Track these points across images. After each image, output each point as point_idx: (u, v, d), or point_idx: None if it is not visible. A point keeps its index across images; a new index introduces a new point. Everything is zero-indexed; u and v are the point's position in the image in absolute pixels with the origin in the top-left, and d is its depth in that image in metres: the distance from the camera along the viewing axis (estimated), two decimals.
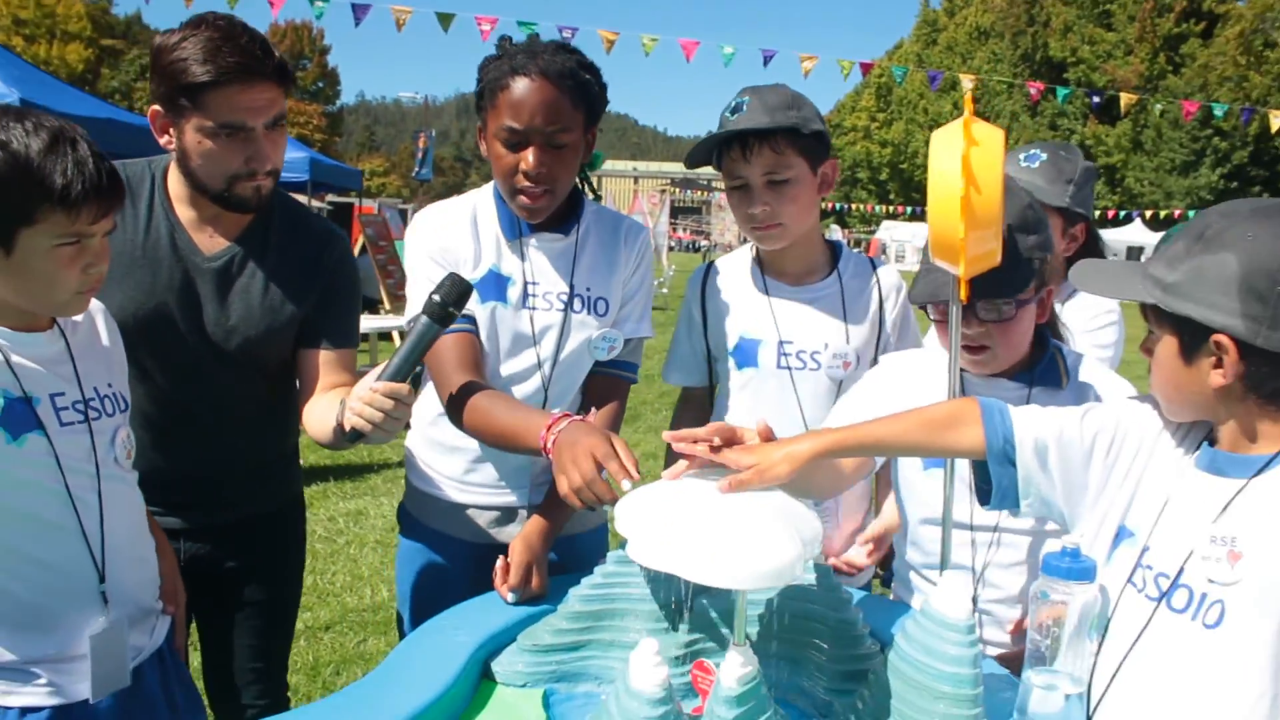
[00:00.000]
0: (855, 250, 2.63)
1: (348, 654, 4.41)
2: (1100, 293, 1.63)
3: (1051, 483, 1.66)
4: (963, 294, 1.72)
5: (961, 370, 1.99)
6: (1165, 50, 54.67)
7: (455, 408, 2.11)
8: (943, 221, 1.63)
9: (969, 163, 1.58)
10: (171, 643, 2.03)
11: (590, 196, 2.40)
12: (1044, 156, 2.54)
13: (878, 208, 44.53)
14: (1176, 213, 28.06)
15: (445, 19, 13.55)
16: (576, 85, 2.08)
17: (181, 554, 2.20)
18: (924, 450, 1.80)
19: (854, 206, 50.68)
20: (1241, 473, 1.46)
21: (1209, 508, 1.47)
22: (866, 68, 14.22)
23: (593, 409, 2.19)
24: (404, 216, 30.17)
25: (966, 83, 14.23)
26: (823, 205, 2.57)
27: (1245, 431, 1.47)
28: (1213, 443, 1.53)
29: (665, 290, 20.75)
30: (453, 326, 2.00)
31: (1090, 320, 2.64)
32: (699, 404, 2.65)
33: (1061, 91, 15.30)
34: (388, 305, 13.69)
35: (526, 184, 2.10)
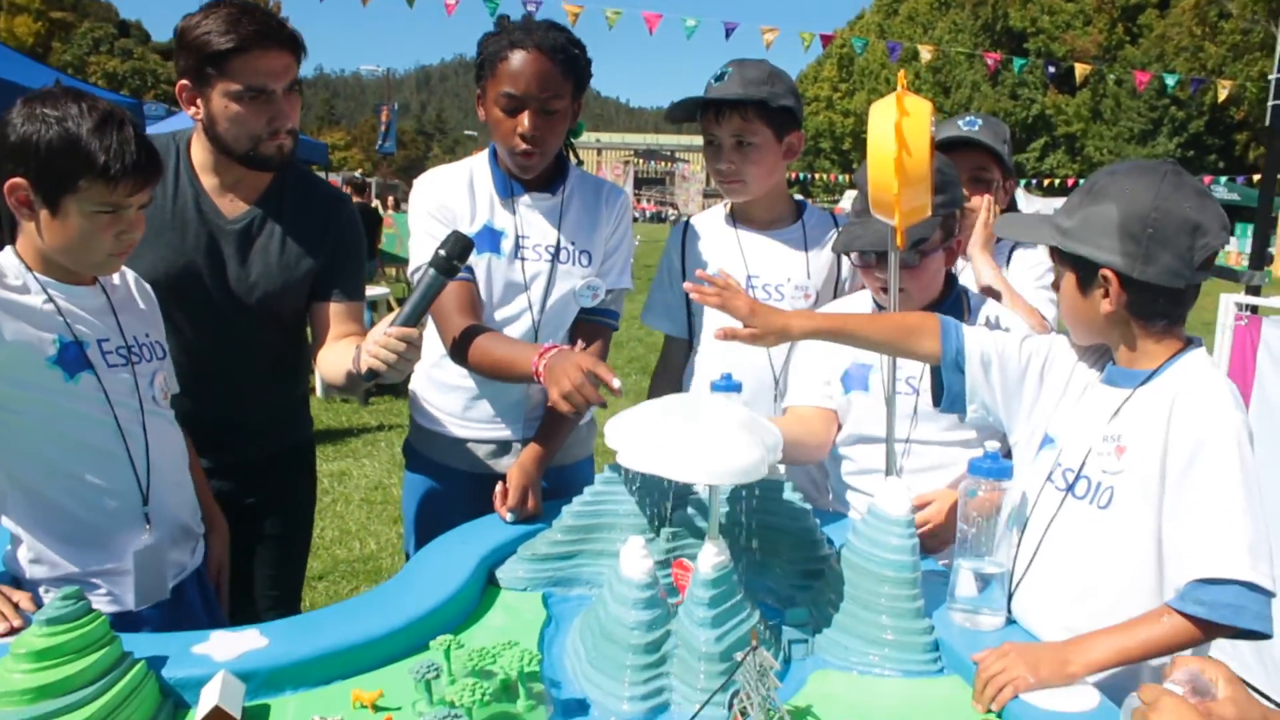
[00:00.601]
0: (819, 208, 2.94)
1: (342, 601, 4.64)
2: (1018, 238, 1.99)
3: (993, 392, 2.00)
4: (899, 242, 2.00)
5: (881, 308, 2.34)
6: (1123, 20, 55.33)
7: (456, 346, 2.39)
8: (880, 181, 1.91)
9: (901, 130, 1.86)
10: (206, 566, 2.27)
11: (574, 162, 2.65)
12: (980, 122, 2.82)
13: (840, 177, 44.84)
14: None
15: None
16: (567, 58, 2.35)
17: None
18: (891, 349, 2.11)
19: (817, 176, 50.99)
20: (1130, 383, 1.80)
21: (1105, 412, 1.81)
22: (827, 39, 14.43)
23: (579, 344, 2.49)
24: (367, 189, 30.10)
25: (925, 54, 14.50)
26: (787, 176, 2.86)
27: (1132, 350, 1.81)
28: (1115, 363, 1.86)
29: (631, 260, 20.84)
30: (463, 276, 2.30)
31: (1035, 279, 2.94)
32: (676, 360, 2.93)
33: (1018, 62, 15.58)
34: None
35: (522, 145, 2.38)
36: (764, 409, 2.60)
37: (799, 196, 2.98)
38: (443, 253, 2.12)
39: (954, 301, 2.37)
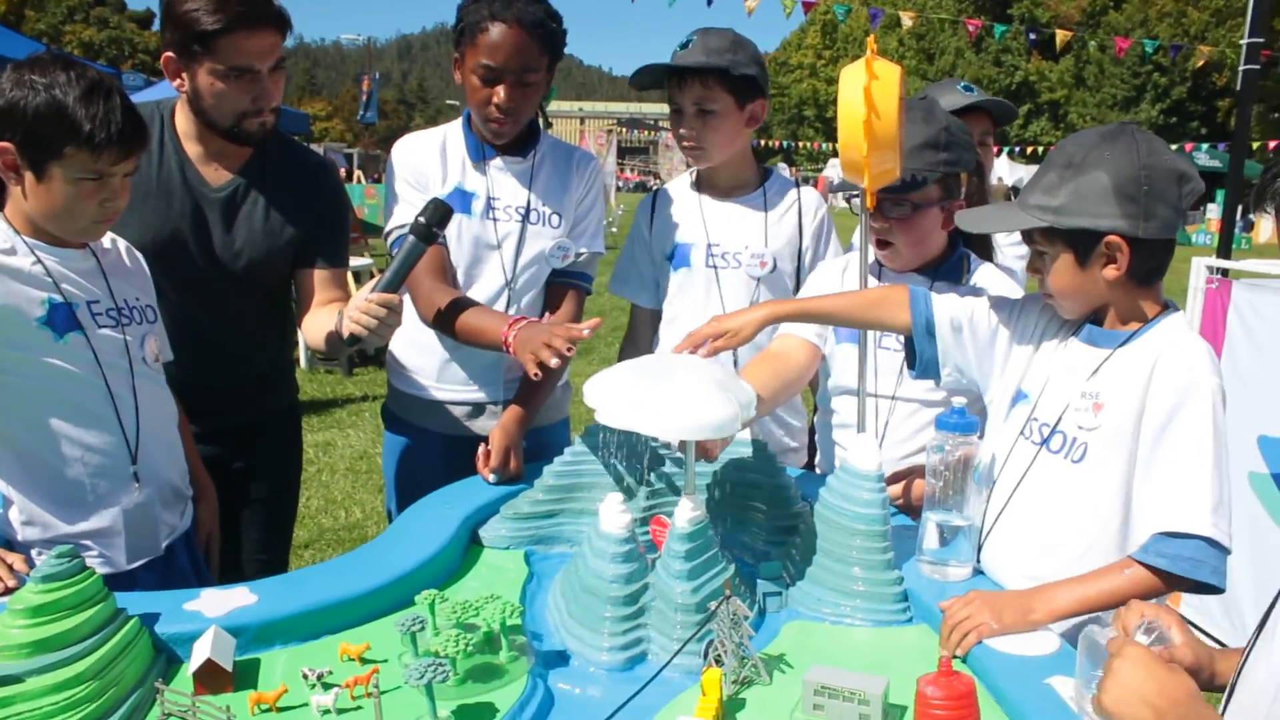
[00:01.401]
0: (786, 176, 2.98)
1: None
2: (992, 229, 2.03)
3: (965, 354, 2.05)
4: (870, 203, 2.04)
5: (881, 266, 2.38)
6: None
7: (427, 309, 2.47)
8: (850, 143, 1.95)
9: (870, 94, 1.90)
10: (195, 529, 2.31)
11: (543, 124, 2.71)
12: (975, 89, 2.92)
13: (824, 145, 44.77)
14: None
15: None
16: (545, 33, 2.40)
17: None
18: (859, 323, 2.17)
19: (801, 144, 50.90)
20: (1110, 344, 1.85)
21: (1084, 370, 1.86)
22: (809, 6, 14.38)
23: (546, 314, 2.57)
24: (349, 161, 29.93)
25: (907, 20, 14.47)
26: (769, 144, 2.93)
27: (1124, 313, 1.85)
28: (1096, 323, 1.90)
29: (615, 229, 20.87)
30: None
31: (1011, 245, 3.00)
32: (643, 328, 3.00)
33: (999, 28, 15.59)
34: None
35: (497, 114, 2.44)
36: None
37: (782, 165, 3.04)
38: (422, 219, 2.16)
39: (954, 264, 2.39)
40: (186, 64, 2.24)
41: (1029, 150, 28.82)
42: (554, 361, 2.14)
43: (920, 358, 2.08)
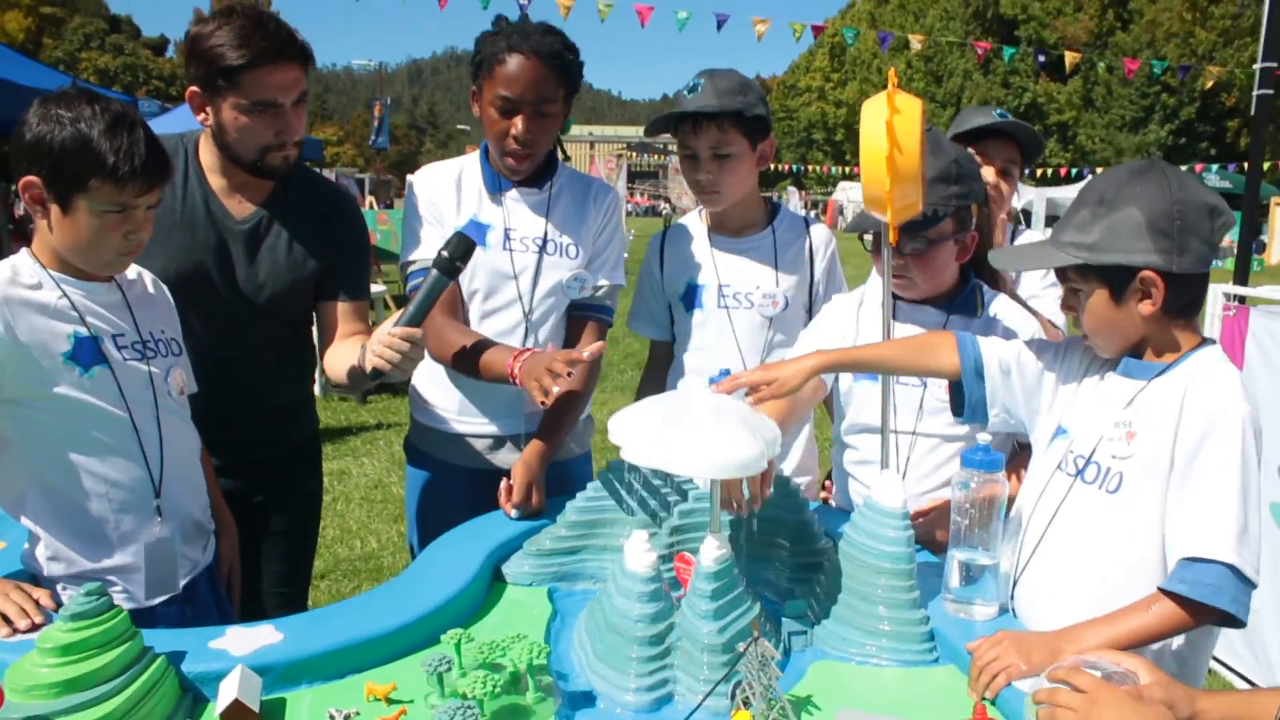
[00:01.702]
0: (793, 211, 3.01)
1: (344, 599, 4.69)
2: (1026, 268, 2.05)
3: (1013, 395, 2.06)
4: (892, 238, 2.04)
5: (896, 300, 2.36)
6: (1114, 6, 55.35)
7: (438, 343, 2.48)
8: (873, 178, 1.95)
9: (892, 128, 1.90)
10: (217, 564, 2.31)
11: (561, 157, 2.72)
12: (1009, 115, 2.92)
13: (834, 169, 44.85)
14: None
15: None
16: (562, 64, 2.43)
17: None
18: (908, 370, 2.17)
19: (810, 168, 51.02)
20: (1145, 375, 1.86)
21: (1118, 401, 1.87)
22: (818, 30, 14.46)
23: (550, 344, 2.58)
24: (361, 186, 30.10)
25: (915, 43, 14.54)
26: (779, 167, 2.95)
27: (1159, 347, 1.86)
28: (1134, 357, 1.91)
29: (626, 254, 20.82)
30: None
31: (1044, 282, 2.99)
32: (663, 361, 3.02)
33: (1008, 51, 15.65)
34: None
35: (514, 146, 2.47)
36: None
37: (792, 189, 3.06)
38: (445, 253, 2.17)
39: (967, 296, 2.39)
40: (211, 98, 2.27)
41: (1038, 172, 28.79)
42: (555, 388, 2.15)
43: (968, 400, 2.09)
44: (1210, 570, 1.65)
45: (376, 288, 10.94)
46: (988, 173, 2.74)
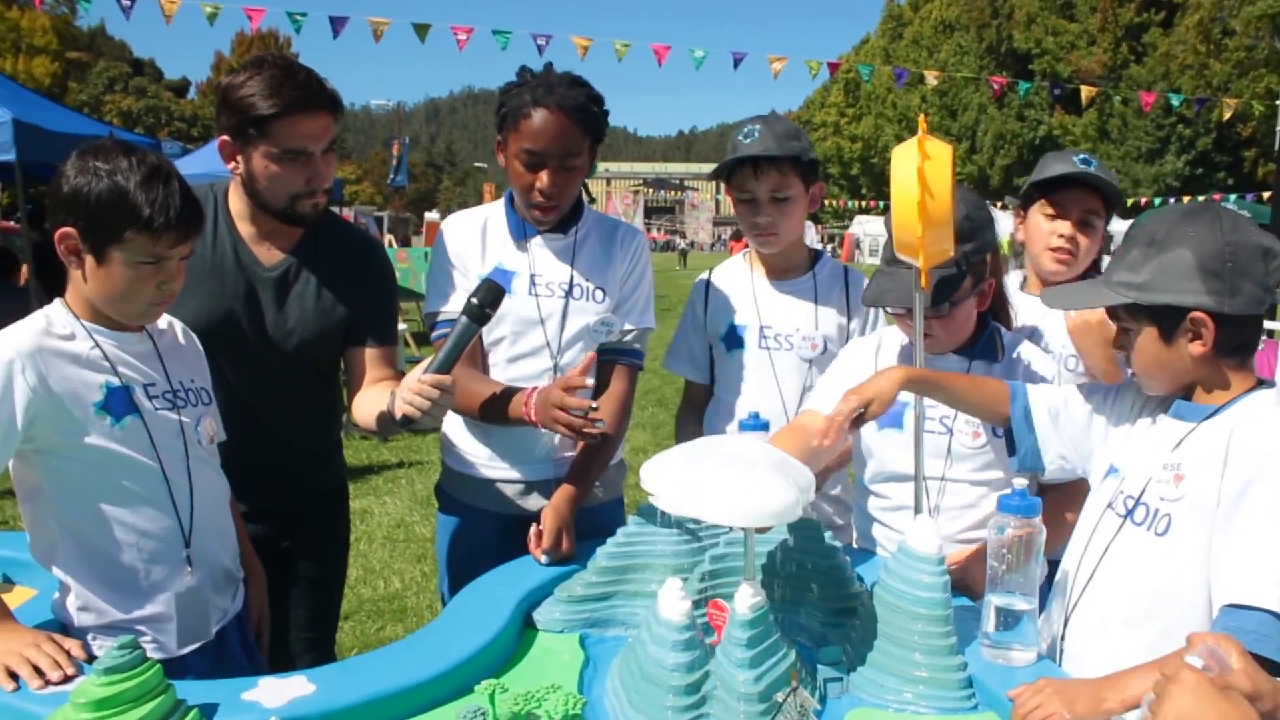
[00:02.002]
0: (833, 259, 3.07)
1: (368, 640, 4.69)
2: (1077, 307, 2.03)
3: (1065, 441, 2.07)
4: (924, 283, 2.04)
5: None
6: (1127, 40, 55.53)
7: (458, 394, 2.42)
8: (905, 224, 1.95)
9: (924, 175, 1.90)
10: (247, 612, 2.31)
11: (587, 200, 2.74)
12: (1095, 161, 2.73)
13: (850, 203, 44.94)
14: (1144, 200, 28.68)
15: (421, 29, 13.81)
16: (587, 117, 2.46)
17: None
18: (971, 404, 2.19)
19: (827, 202, 51.08)
20: (1195, 417, 1.85)
21: (1168, 443, 1.86)
22: (834, 68, 14.59)
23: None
24: (380, 224, 30.38)
25: (931, 79, 14.62)
26: None
27: (1213, 390, 1.85)
28: (1186, 398, 1.90)
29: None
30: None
31: None
32: (699, 402, 3.07)
33: (1023, 85, 15.70)
34: None
35: (540, 200, 2.49)
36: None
37: (809, 224, 3.10)
38: (475, 300, 2.18)
39: (987, 342, 2.40)
40: (242, 147, 2.30)
41: None
42: (591, 418, 2.22)
43: (1020, 448, 2.10)
44: (1254, 618, 1.62)
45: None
46: (1063, 225, 2.64)
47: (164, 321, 2.15)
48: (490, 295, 2.20)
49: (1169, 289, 1.79)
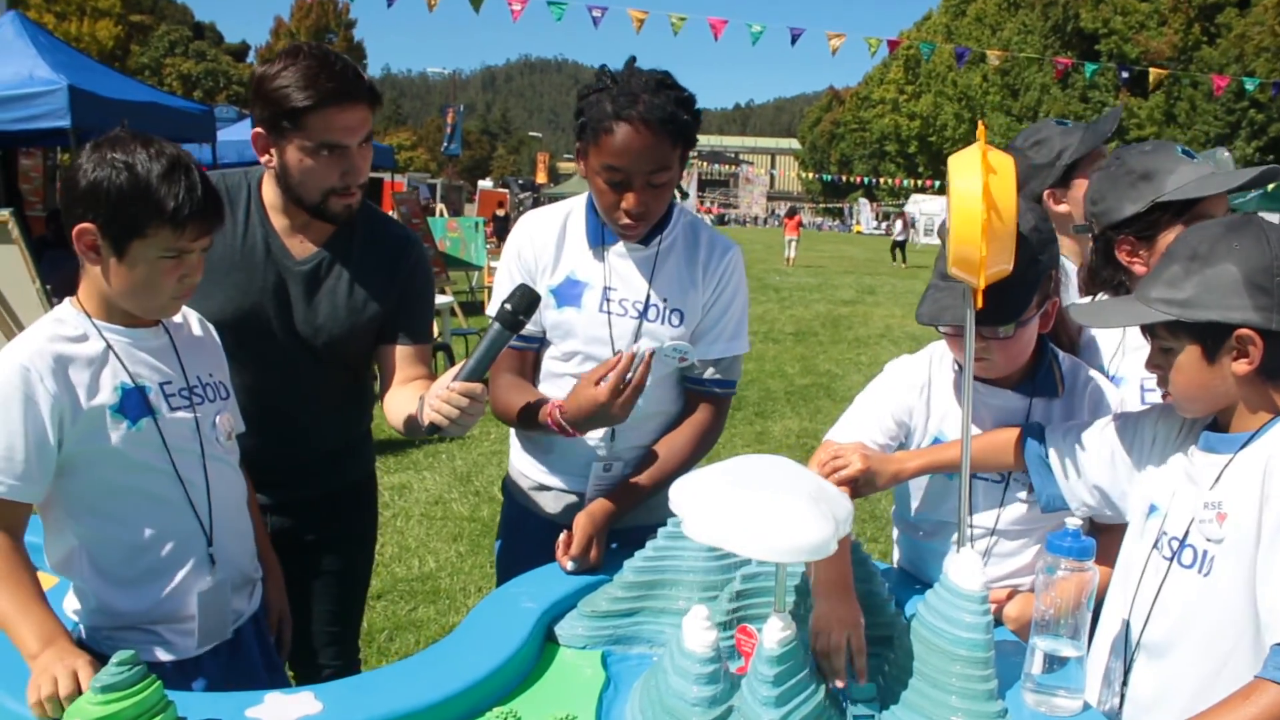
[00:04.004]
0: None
1: (400, 621, 4.66)
2: (1112, 325, 1.91)
3: (1087, 484, 1.97)
4: (978, 302, 1.89)
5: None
6: (1200, 20, 53.98)
7: (500, 407, 2.43)
8: (966, 238, 1.80)
9: (989, 191, 1.76)
10: (264, 611, 2.26)
11: (679, 199, 2.53)
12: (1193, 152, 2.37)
13: (906, 181, 44.25)
14: None
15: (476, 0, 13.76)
16: (675, 128, 2.20)
17: (268, 527, 2.42)
18: (992, 468, 2.15)
19: (882, 180, 50.48)
20: (1229, 449, 1.73)
21: (1205, 480, 1.75)
22: (893, 45, 14.31)
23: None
24: (433, 191, 30.50)
25: (993, 59, 14.26)
26: (850, 179, 2.73)
27: (1252, 408, 1.74)
28: (1212, 427, 1.79)
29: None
30: (518, 344, 2.36)
31: None
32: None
33: (1089, 67, 15.28)
34: None
35: (627, 221, 2.28)
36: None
37: (863, 201, 2.84)
38: (508, 306, 2.08)
39: (1045, 372, 2.19)
40: (276, 140, 2.22)
41: None
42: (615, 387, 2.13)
43: (1039, 495, 2.01)
44: None
45: (444, 298, 10.98)
46: None
47: (180, 314, 2.09)
48: (525, 301, 2.09)
49: (1214, 305, 1.68)
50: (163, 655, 1.97)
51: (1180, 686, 1.73)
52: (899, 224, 35.32)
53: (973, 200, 1.77)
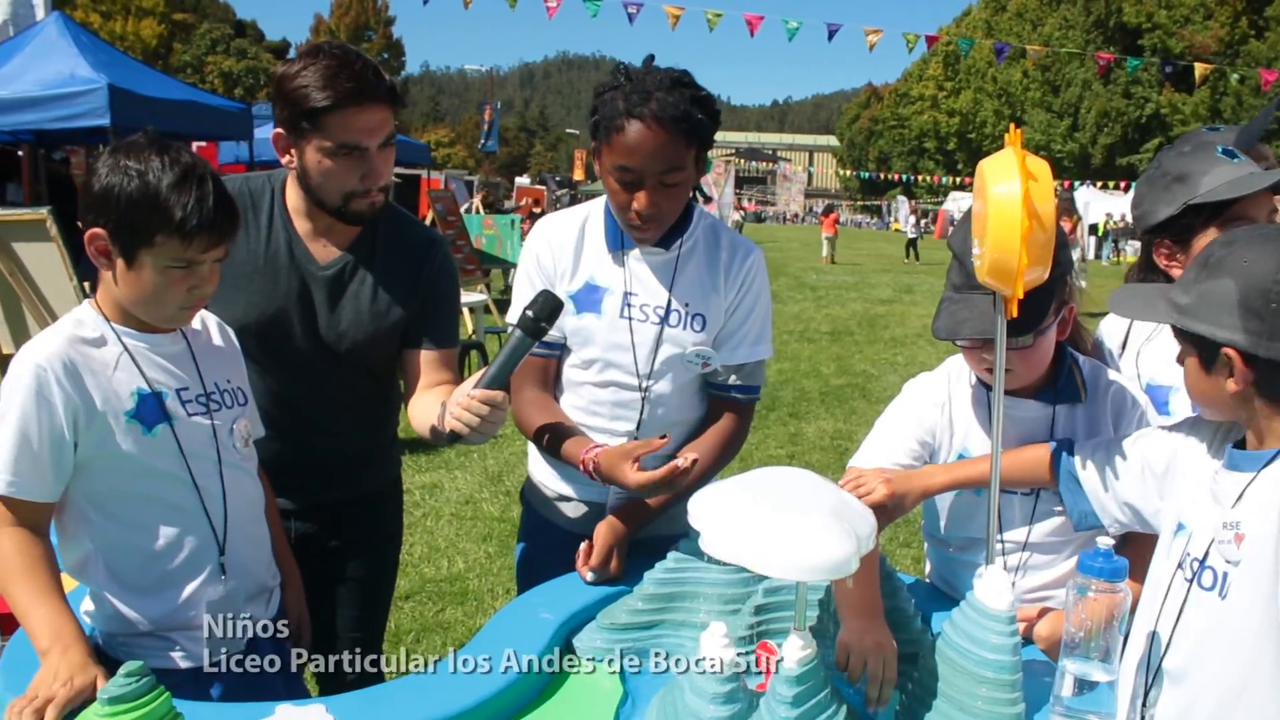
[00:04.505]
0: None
1: (427, 623, 4.66)
2: (1131, 315, 1.83)
3: (1118, 501, 1.91)
4: (1011, 310, 1.82)
5: (988, 388, 2.12)
6: (1248, 13, 53.01)
7: (522, 421, 2.41)
8: (1004, 246, 1.71)
9: (1030, 200, 1.69)
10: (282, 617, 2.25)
11: (701, 201, 2.48)
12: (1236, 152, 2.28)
13: (944, 178, 43.79)
14: None
15: None
16: (689, 127, 2.15)
17: (291, 532, 2.41)
18: (1022, 484, 2.11)
19: (920, 177, 50.03)
20: (1252, 467, 1.65)
21: (1227, 499, 1.67)
22: (932, 40, 14.15)
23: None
24: (470, 188, 30.59)
25: (1033, 54, 14.07)
26: (889, 176, 2.64)
27: (1260, 430, 1.66)
28: (1239, 444, 1.71)
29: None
30: (541, 351, 2.31)
31: None
32: None
33: (1132, 62, 15.04)
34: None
35: (638, 221, 2.24)
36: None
37: (901, 199, 2.75)
38: (530, 313, 2.02)
39: (1067, 378, 2.14)
40: (295, 141, 2.20)
41: None
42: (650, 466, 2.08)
43: (1071, 512, 1.95)
44: None
45: (478, 296, 10.98)
46: None
47: (198, 320, 2.07)
48: (547, 308, 2.04)
49: (1205, 319, 1.61)
50: (181, 664, 1.96)
51: (1199, 713, 1.65)
52: (911, 220, 34.82)
53: (1012, 207, 1.70)
